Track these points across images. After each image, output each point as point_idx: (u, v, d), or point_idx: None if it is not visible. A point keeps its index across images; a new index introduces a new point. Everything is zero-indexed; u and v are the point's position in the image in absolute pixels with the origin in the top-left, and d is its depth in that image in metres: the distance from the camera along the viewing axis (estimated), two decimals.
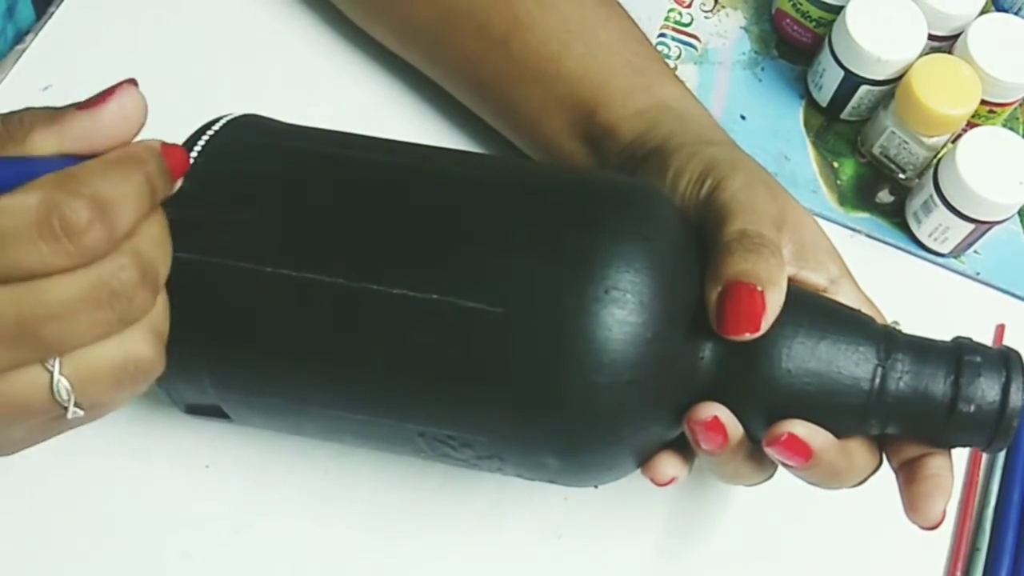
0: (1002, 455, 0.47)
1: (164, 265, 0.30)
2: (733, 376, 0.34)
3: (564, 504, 0.43)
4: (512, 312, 0.32)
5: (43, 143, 0.28)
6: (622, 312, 0.32)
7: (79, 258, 0.27)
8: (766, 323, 0.33)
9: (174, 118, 0.49)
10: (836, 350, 0.33)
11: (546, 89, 0.43)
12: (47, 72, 0.48)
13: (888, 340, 0.34)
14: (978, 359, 0.33)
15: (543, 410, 0.32)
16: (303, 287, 0.33)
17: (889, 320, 0.37)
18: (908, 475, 0.35)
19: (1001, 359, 0.34)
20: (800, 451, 0.33)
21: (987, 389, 0.33)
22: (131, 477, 0.42)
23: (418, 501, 0.43)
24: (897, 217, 0.52)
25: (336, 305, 0.33)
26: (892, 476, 0.38)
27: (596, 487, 0.37)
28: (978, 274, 0.51)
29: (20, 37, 0.49)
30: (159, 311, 0.30)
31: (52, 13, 0.50)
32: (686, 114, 0.42)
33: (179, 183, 0.30)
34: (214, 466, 0.42)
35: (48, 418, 0.29)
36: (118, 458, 0.42)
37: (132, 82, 0.29)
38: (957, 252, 0.51)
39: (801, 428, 0.33)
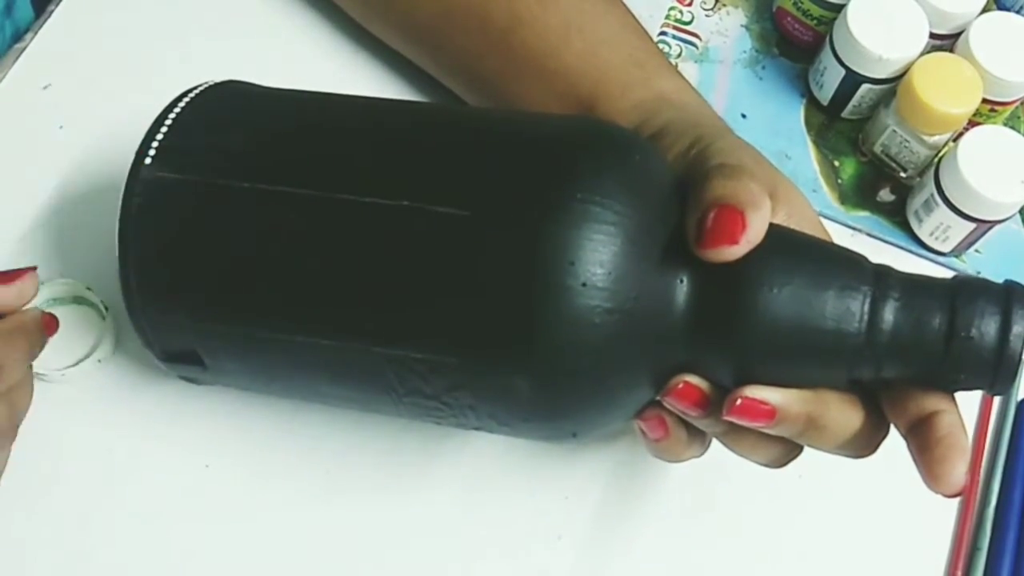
0: (1002, 455, 0.47)
1: (26, 410, 0.40)
2: (714, 308, 0.32)
3: (564, 504, 0.43)
4: (480, 215, 0.32)
5: None
6: (594, 213, 0.31)
7: None
8: (746, 240, 0.31)
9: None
10: (824, 282, 0.32)
11: (546, 84, 0.43)
12: (47, 71, 0.48)
13: (880, 274, 0.33)
14: (976, 289, 0.32)
15: (511, 316, 0.32)
16: (275, 200, 0.33)
17: None
18: (919, 441, 0.33)
19: (1002, 290, 0.32)
20: (760, 414, 0.32)
21: (986, 317, 0.31)
22: (131, 477, 0.42)
23: (418, 501, 0.43)
24: (898, 216, 0.52)
25: (308, 216, 0.33)
26: (890, 475, 0.38)
27: (575, 435, 0.35)
28: (979, 273, 0.51)
29: (19, 35, 0.49)
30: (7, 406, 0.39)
31: (52, 12, 0.50)
32: (684, 106, 0.42)
33: (48, 340, 0.40)
34: (214, 466, 0.42)
35: None
36: (118, 458, 0.42)
37: (33, 269, 0.40)
38: (958, 251, 0.51)
39: (755, 391, 0.32)
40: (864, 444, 0.34)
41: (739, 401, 0.32)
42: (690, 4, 0.56)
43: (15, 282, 0.39)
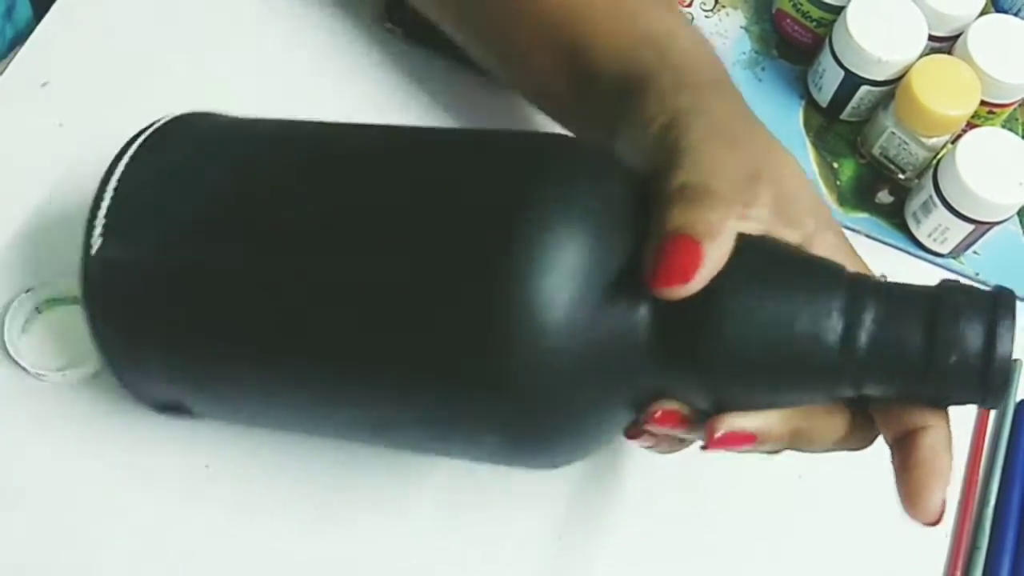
0: (1001, 455, 0.47)
1: None
2: (681, 335, 0.31)
3: (564, 504, 0.43)
4: (423, 277, 0.31)
5: None
6: (550, 243, 0.30)
7: None
8: (701, 276, 0.30)
9: (172, 112, 0.49)
10: (794, 304, 0.30)
11: (530, 30, 0.41)
12: (46, 68, 0.48)
13: (855, 287, 0.30)
14: (959, 299, 0.30)
15: (471, 368, 0.31)
16: (222, 278, 0.34)
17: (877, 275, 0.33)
18: (899, 460, 0.32)
19: (988, 299, 0.30)
20: (741, 440, 0.32)
21: (968, 332, 0.29)
22: (131, 476, 0.41)
23: (418, 502, 0.43)
24: (896, 217, 0.52)
25: (255, 281, 0.33)
26: (890, 475, 0.38)
27: (556, 467, 0.35)
28: (977, 275, 0.51)
29: (18, 38, 0.49)
30: None
31: (49, 8, 0.50)
32: (669, 49, 0.37)
33: None
34: (214, 466, 0.42)
35: None
36: (118, 457, 0.42)
37: None
38: (956, 253, 0.51)
39: (732, 423, 0.31)
40: (856, 443, 0.34)
41: (718, 435, 0.32)
42: (690, 5, 0.56)
43: None
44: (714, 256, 0.31)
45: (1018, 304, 0.51)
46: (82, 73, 0.48)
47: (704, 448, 0.32)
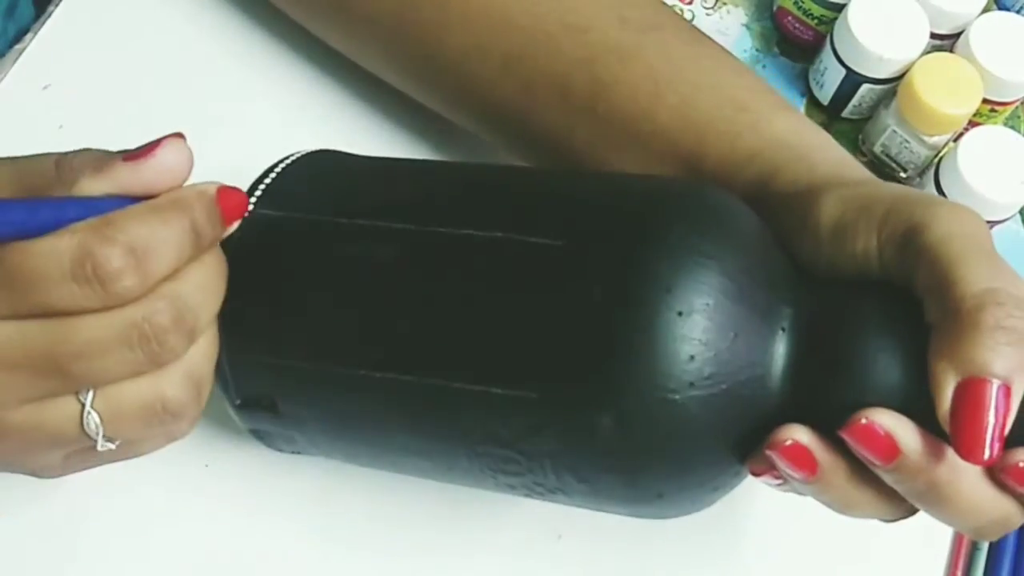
0: None
1: (207, 310, 0.31)
2: (818, 357, 0.30)
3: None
4: (573, 243, 0.31)
5: (89, 188, 0.29)
6: (693, 244, 0.30)
7: (110, 301, 0.28)
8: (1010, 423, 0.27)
9: (173, 115, 0.49)
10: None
11: (642, 149, 0.40)
12: (47, 71, 0.48)
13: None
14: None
15: (597, 341, 0.30)
16: (369, 233, 0.34)
17: None
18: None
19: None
20: (880, 446, 0.29)
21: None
22: (130, 475, 0.42)
23: (417, 501, 0.43)
24: None
25: (400, 247, 0.33)
26: None
27: (661, 496, 0.32)
28: None
29: (20, 36, 0.49)
30: (199, 355, 0.31)
31: (51, 13, 0.50)
32: (808, 150, 0.37)
33: (235, 225, 0.31)
34: (214, 466, 0.42)
35: (81, 448, 0.30)
36: None
37: (179, 135, 0.30)
38: None
39: (884, 417, 0.28)
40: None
41: (863, 421, 0.29)
42: (691, 3, 0.56)
43: (152, 154, 0.29)
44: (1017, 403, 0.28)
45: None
46: (83, 76, 0.48)
47: (841, 432, 0.29)
